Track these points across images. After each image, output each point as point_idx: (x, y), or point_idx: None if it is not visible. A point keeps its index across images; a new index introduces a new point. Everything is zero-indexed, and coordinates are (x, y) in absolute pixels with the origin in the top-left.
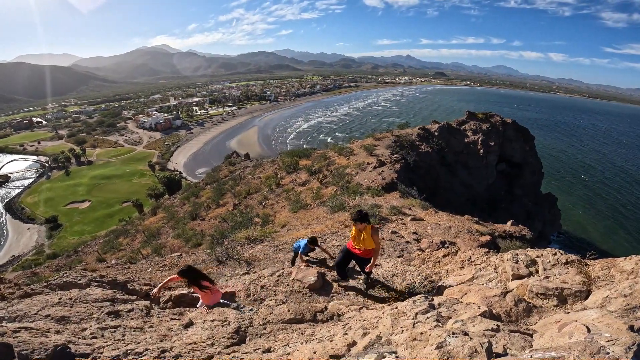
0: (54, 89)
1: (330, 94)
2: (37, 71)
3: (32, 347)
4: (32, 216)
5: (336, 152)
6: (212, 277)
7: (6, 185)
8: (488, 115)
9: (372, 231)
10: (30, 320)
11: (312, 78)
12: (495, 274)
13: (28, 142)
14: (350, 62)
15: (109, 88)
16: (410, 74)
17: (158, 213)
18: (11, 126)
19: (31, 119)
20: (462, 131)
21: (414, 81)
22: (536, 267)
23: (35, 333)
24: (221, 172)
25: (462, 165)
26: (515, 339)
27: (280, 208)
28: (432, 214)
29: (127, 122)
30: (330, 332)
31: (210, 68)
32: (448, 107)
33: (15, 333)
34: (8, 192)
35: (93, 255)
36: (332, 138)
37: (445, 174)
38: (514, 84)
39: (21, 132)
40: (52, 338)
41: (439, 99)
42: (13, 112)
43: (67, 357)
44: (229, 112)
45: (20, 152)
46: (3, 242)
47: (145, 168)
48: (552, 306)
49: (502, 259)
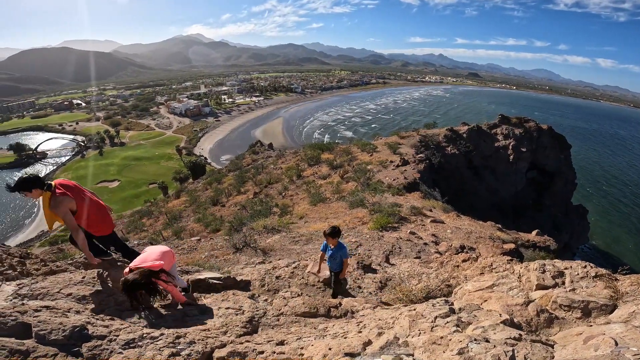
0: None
1: (357, 89)
2: (81, 56)
3: (51, 327)
4: None
5: (359, 147)
6: (228, 264)
7: (42, 161)
8: (522, 119)
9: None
10: (52, 298)
11: (340, 72)
12: (517, 283)
13: (67, 122)
14: (380, 58)
15: (145, 74)
16: (441, 73)
17: (181, 196)
18: (52, 107)
19: (71, 101)
20: (493, 135)
21: (445, 81)
22: (563, 278)
23: (55, 313)
24: (244, 160)
25: (490, 170)
26: (537, 349)
27: (299, 200)
28: (453, 217)
29: (159, 107)
30: (344, 329)
31: (240, 58)
32: (479, 109)
33: (37, 312)
34: (44, 168)
35: (117, 234)
36: (355, 133)
37: (471, 177)
38: (555, 89)
39: (61, 113)
40: (72, 319)
41: (470, 100)
42: (56, 94)
43: (84, 338)
44: (255, 102)
45: (59, 131)
46: (34, 217)
47: (172, 152)
48: (574, 318)
49: (527, 268)
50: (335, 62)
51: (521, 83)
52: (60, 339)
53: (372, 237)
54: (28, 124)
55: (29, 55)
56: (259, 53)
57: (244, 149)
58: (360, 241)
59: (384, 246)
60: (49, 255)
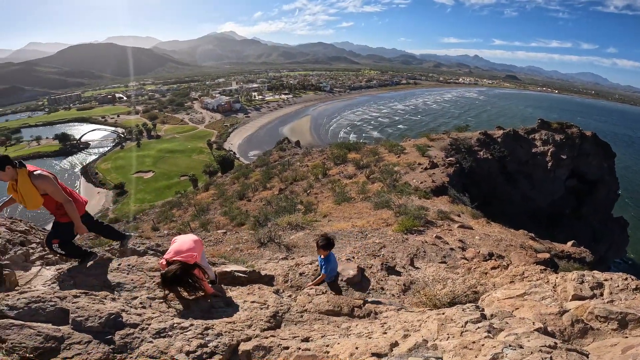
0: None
1: (386, 89)
2: (124, 52)
3: (88, 314)
4: (103, 181)
5: (387, 148)
6: (252, 258)
7: (85, 151)
8: (564, 125)
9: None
10: (88, 284)
11: (369, 72)
12: (551, 293)
13: (109, 115)
14: (411, 58)
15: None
16: (476, 75)
17: (210, 189)
18: (97, 100)
19: (114, 95)
20: (531, 140)
21: (480, 83)
22: (602, 290)
23: (93, 299)
24: (271, 157)
25: (525, 177)
26: (573, 358)
27: (324, 198)
28: (483, 223)
29: (193, 103)
30: (368, 329)
31: (271, 56)
32: (514, 112)
33: (75, 298)
34: (86, 157)
35: (149, 224)
36: (382, 134)
37: (504, 183)
38: (601, 94)
39: (104, 106)
40: (108, 306)
41: (505, 103)
42: (100, 88)
43: (118, 326)
44: (284, 100)
45: (101, 123)
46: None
47: (204, 146)
48: (610, 330)
49: (564, 278)
50: (364, 61)
51: (564, 87)
52: (96, 326)
53: (396, 240)
54: (74, 115)
55: (77, 50)
56: (288, 51)
57: (272, 145)
58: (384, 243)
59: (408, 249)
60: (86, 241)
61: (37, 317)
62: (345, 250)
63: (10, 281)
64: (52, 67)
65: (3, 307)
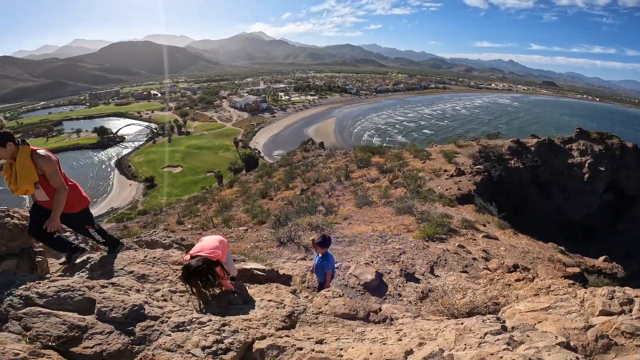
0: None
1: (413, 93)
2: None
3: (113, 304)
4: (135, 174)
5: (412, 153)
6: (271, 257)
7: (120, 144)
8: (604, 135)
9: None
10: (116, 275)
11: (397, 75)
12: (578, 307)
13: (144, 111)
14: (441, 62)
15: (212, 69)
16: (510, 80)
17: (234, 186)
18: (133, 96)
19: (149, 92)
20: (567, 150)
21: (514, 89)
22: (631, 306)
23: (119, 290)
24: (295, 157)
25: (559, 188)
26: None
27: (345, 200)
28: (509, 234)
29: (222, 101)
30: (383, 335)
31: (298, 57)
32: (549, 120)
33: (103, 288)
34: (121, 150)
35: (174, 217)
36: (407, 138)
37: (536, 194)
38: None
39: (140, 102)
40: (133, 297)
41: (539, 110)
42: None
43: (139, 318)
44: (310, 101)
45: (136, 118)
46: (106, 195)
47: (230, 143)
48: (634, 346)
49: (593, 293)
50: (392, 64)
51: (606, 94)
52: (119, 317)
53: (416, 246)
54: (112, 110)
55: (118, 47)
56: (316, 52)
57: (296, 145)
58: (404, 249)
59: (428, 256)
60: (115, 231)
61: (65, 305)
62: (364, 254)
63: (42, 268)
64: (95, 63)
65: (33, 294)
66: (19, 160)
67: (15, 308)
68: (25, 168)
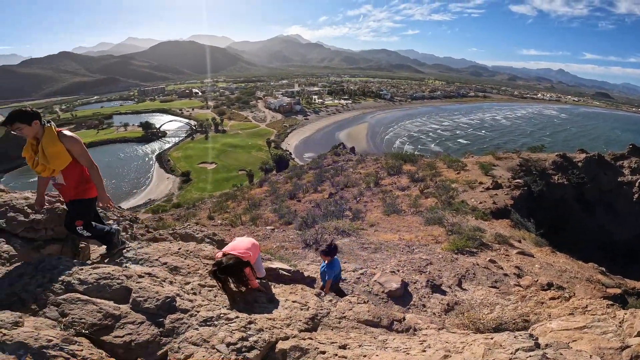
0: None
1: (451, 101)
2: (202, 50)
3: (148, 295)
4: (173, 168)
5: (445, 163)
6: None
7: (162, 139)
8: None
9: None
10: (150, 265)
11: (434, 82)
12: (615, 327)
13: (185, 108)
14: (482, 70)
15: (250, 70)
16: (559, 90)
17: (264, 186)
18: (177, 94)
19: (191, 90)
20: (618, 167)
21: (563, 99)
22: None
23: (154, 281)
24: (325, 160)
25: (606, 207)
26: None
27: (373, 207)
28: (547, 252)
29: (257, 101)
30: (406, 345)
31: (333, 60)
32: (600, 134)
33: (140, 278)
34: (162, 145)
35: (205, 212)
36: (441, 146)
37: (579, 212)
38: None
39: (182, 100)
40: (166, 289)
41: (588, 123)
42: (180, 83)
43: (170, 310)
44: (343, 105)
45: (178, 115)
46: (145, 186)
47: (263, 143)
48: None
49: (633, 314)
50: (429, 70)
51: None
52: (152, 308)
53: (444, 258)
54: (157, 106)
55: (165, 46)
56: (351, 56)
57: (327, 149)
58: (431, 260)
59: (456, 269)
60: (151, 222)
61: (103, 293)
62: (390, 262)
63: (84, 254)
64: (144, 61)
65: (75, 281)
66: (47, 141)
67: (55, 294)
68: (56, 150)
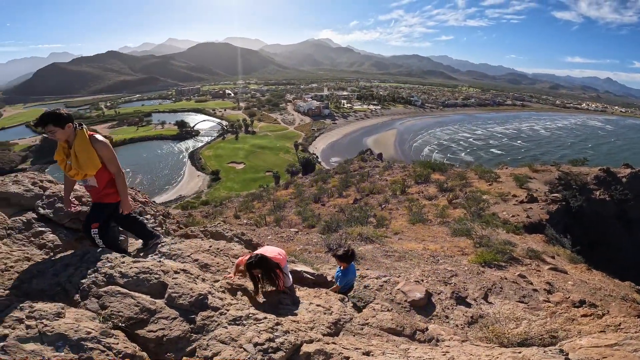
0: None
1: (486, 109)
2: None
3: (182, 291)
4: (204, 166)
5: (477, 173)
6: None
7: (195, 138)
8: None
9: None
10: (182, 260)
11: (468, 89)
12: None
13: (218, 108)
14: (520, 77)
15: (280, 73)
16: (605, 100)
17: (289, 188)
18: (211, 94)
19: (224, 91)
20: None
21: (609, 110)
22: None
23: (189, 277)
24: (352, 166)
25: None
26: None
27: (398, 215)
28: (582, 269)
29: (287, 104)
30: (428, 355)
31: (363, 65)
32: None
33: (176, 274)
34: (195, 143)
35: (232, 211)
36: (472, 155)
37: (620, 230)
38: None
39: (216, 100)
40: (199, 286)
41: (636, 135)
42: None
43: (202, 307)
44: (372, 110)
45: (211, 115)
46: (177, 183)
47: (290, 146)
48: None
49: None
50: (463, 77)
51: None
52: (185, 305)
53: (470, 270)
54: (192, 106)
55: (202, 48)
56: (381, 62)
57: (354, 154)
58: (457, 272)
59: (482, 282)
60: (182, 218)
61: (141, 287)
62: (414, 271)
63: (123, 249)
64: (182, 61)
65: (116, 274)
66: (79, 145)
67: (97, 286)
68: (88, 155)
